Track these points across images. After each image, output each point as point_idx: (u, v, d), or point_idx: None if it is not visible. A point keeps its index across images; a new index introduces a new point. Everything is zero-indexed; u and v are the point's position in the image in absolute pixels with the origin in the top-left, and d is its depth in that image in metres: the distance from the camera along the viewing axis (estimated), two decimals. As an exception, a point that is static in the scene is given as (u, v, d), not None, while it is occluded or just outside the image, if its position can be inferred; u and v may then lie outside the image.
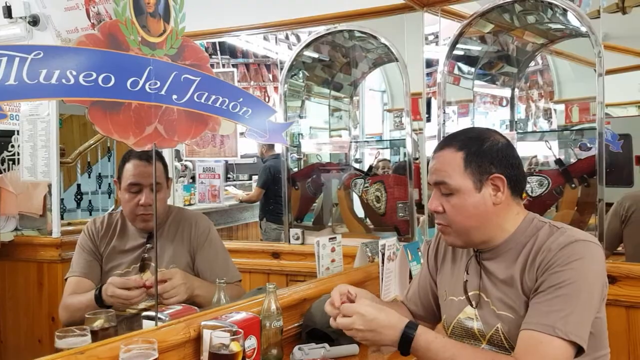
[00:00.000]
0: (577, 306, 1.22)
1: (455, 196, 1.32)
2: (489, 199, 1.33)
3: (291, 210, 2.90)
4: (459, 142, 1.36)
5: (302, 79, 3.29)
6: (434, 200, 1.36)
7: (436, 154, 1.38)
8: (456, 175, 1.32)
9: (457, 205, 1.32)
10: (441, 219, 1.36)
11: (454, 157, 1.34)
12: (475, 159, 1.33)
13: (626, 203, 2.61)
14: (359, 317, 1.27)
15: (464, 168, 1.32)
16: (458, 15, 2.60)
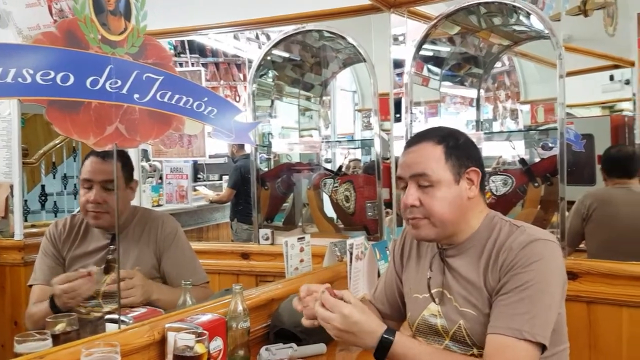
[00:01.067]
0: (541, 307, 1.24)
1: (435, 188, 1.33)
2: (465, 192, 1.36)
3: (260, 211, 2.88)
4: (436, 137, 1.38)
5: (271, 78, 3.28)
6: (410, 194, 1.34)
7: (412, 148, 1.38)
8: (437, 167, 1.33)
9: (438, 197, 1.32)
10: (417, 212, 1.34)
11: (434, 150, 1.35)
12: (455, 152, 1.35)
13: (587, 201, 2.69)
14: (341, 317, 1.25)
15: (445, 160, 1.34)
16: (424, 16, 2.62)
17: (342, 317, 1.25)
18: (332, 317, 1.26)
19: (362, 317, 1.25)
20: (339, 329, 1.25)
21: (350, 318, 1.24)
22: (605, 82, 5.07)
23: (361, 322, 1.25)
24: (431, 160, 1.34)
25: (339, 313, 1.25)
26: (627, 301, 2.04)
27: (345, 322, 1.24)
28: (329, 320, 1.27)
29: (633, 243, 2.52)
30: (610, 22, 3.72)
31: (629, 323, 2.05)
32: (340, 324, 1.25)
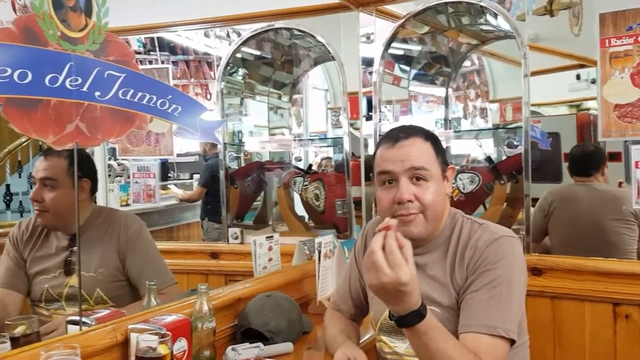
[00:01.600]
0: (511, 303, 1.27)
1: (430, 183, 1.32)
2: (445, 188, 1.38)
3: (230, 210, 2.86)
4: (421, 133, 1.38)
5: (241, 76, 3.26)
6: (405, 189, 1.30)
7: (403, 142, 1.34)
8: (431, 161, 1.34)
9: (432, 191, 1.32)
10: (413, 207, 1.31)
11: (425, 145, 1.35)
12: (440, 150, 1.38)
13: (549, 198, 2.74)
14: (395, 279, 1.09)
15: (435, 156, 1.36)
16: (393, 15, 2.63)
17: (395, 280, 1.09)
18: (387, 272, 1.10)
19: (411, 288, 1.11)
20: (384, 287, 1.11)
21: (402, 286, 1.10)
22: (572, 81, 5.16)
23: (408, 293, 1.11)
24: (426, 154, 1.34)
25: (396, 275, 1.09)
26: (590, 296, 2.08)
27: (395, 286, 1.10)
28: (380, 270, 1.10)
29: (593, 239, 2.59)
30: (575, 22, 3.78)
31: (591, 318, 2.09)
32: (388, 284, 1.10)
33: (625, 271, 2.03)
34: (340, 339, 1.47)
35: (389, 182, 1.34)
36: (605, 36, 2.05)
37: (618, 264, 2.09)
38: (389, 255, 1.11)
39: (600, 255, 2.23)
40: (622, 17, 2.03)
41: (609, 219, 2.59)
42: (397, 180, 1.32)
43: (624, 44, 2.02)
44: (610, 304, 2.05)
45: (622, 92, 2.02)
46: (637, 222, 2.61)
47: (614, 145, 3.23)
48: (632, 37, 2.01)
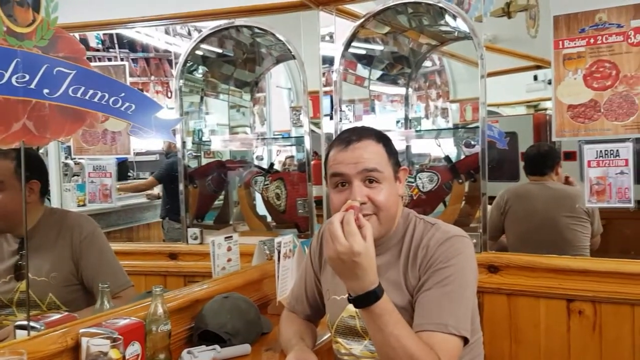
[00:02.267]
0: (462, 301, 1.28)
1: (382, 184, 1.33)
2: (398, 189, 1.39)
3: (189, 209, 2.82)
4: (374, 135, 1.39)
5: (201, 74, 3.22)
6: (359, 191, 1.30)
7: (356, 144, 1.34)
8: (384, 163, 1.35)
9: (385, 193, 1.33)
10: (367, 209, 1.31)
11: (377, 147, 1.36)
12: (392, 151, 1.39)
13: (505, 196, 2.81)
14: (348, 248, 1.15)
15: (388, 158, 1.36)
16: (353, 15, 2.64)
17: (349, 249, 1.15)
18: (342, 241, 1.16)
19: (366, 262, 1.16)
20: (339, 257, 1.16)
21: (355, 256, 1.15)
22: (529, 82, 5.29)
23: (362, 267, 1.16)
24: (378, 156, 1.35)
25: (350, 244, 1.15)
26: (545, 293, 2.12)
27: (349, 256, 1.15)
28: (335, 240, 1.16)
29: (548, 236, 2.66)
30: (532, 24, 3.87)
31: (546, 314, 2.13)
32: (343, 253, 1.15)
33: (579, 268, 2.08)
34: (294, 341, 1.47)
35: (342, 184, 1.34)
36: (559, 38, 2.09)
37: (572, 261, 2.13)
38: (345, 226, 1.17)
39: (554, 252, 2.28)
40: (575, 20, 2.07)
41: (563, 217, 2.67)
42: (350, 183, 1.32)
43: (577, 45, 2.06)
44: (564, 300, 2.10)
45: (575, 93, 2.06)
46: (590, 219, 2.69)
47: (570, 145, 3.32)
48: (584, 39, 2.05)
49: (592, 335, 2.05)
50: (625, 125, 1.99)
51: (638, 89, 1.97)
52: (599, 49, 2.03)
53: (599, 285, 2.03)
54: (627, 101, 1.99)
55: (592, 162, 2.03)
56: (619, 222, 3.52)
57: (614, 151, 2.00)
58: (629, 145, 1.99)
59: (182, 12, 2.76)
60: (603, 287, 2.02)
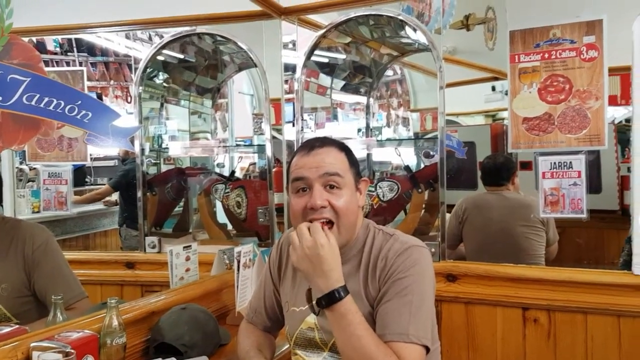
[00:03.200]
0: (422, 310, 1.29)
1: (342, 191, 1.34)
2: (358, 199, 1.40)
3: (147, 217, 2.77)
4: (336, 144, 1.41)
5: (162, 80, 3.17)
6: (319, 195, 1.32)
7: (318, 150, 1.36)
8: (345, 170, 1.36)
9: (345, 199, 1.34)
10: (325, 213, 1.33)
11: (340, 155, 1.38)
12: (353, 161, 1.40)
13: (463, 205, 2.86)
14: (314, 242, 1.25)
15: (349, 166, 1.38)
16: (315, 25, 2.65)
17: (313, 242, 1.24)
18: (307, 237, 1.25)
19: (330, 257, 1.24)
20: (305, 253, 1.24)
21: (320, 248, 1.23)
22: (488, 92, 5.42)
23: (327, 262, 1.24)
24: (340, 162, 1.37)
25: (314, 239, 1.24)
26: (501, 301, 2.16)
27: (314, 250, 1.24)
28: (301, 237, 1.26)
29: (505, 245, 2.71)
30: (490, 37, 3.97)
31: (502, 322, 2.17)
32: (309, 248, 1.24)
33: (534, 277, 2.13)
34: (252, 353, 1.46)
35: (303, 189, 1.35)
36: (514, 52, 2.14)
37: (527, 270, 2.18)
38: (311, 227, 1.27)
39: (511, 260, 2.33)
40: (530, 35, 2.13)
41: (519, 226, 2.73)
42: (311, 187, 1.34)
43: (532, 60, 2.12)
44: (520, 308, 2.14)
45: (530, 106, 2.12)
46: (545, 228, 2.76)
47: (526, 155, 3.41)
48: (539, 54, 2.11)
49: (546, 343, 2.10)
50: (578, 138, 2.06)
51: (590, 103, 2.04)
52: (553, 64, 2.09)
53: (553, 294, 2.08)
54: (579, 115, 2.05)
55: (547, 174, 2.09)
56: (574, 230, 3.64)
57: (567, 163, 2.06)
58: (581, 158, 2.06)
59: (143, 19, 2.73)
60: (557, 295, 2.08)
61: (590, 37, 2.05)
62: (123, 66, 5.39)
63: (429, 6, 3.15)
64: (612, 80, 3.35)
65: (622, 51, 2.02)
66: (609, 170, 3.70)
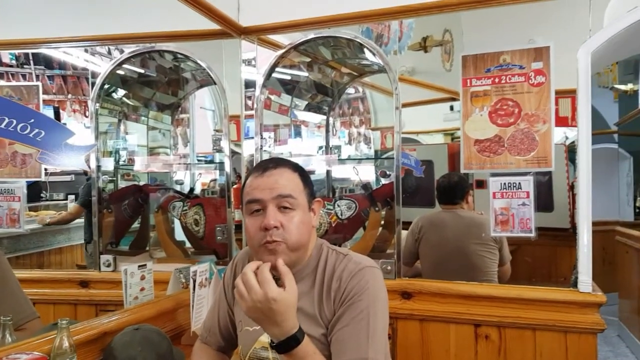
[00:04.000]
0: (378, 331, 1.32)
1: (295, 212, 1.35)
2: (312, 220, 1.42)
3: (102, 235, 2.73)
4: (290, 165, 1.42)
5: (121, 96, 3.15)
6: (272, 216, 1.32)
7: (271, 171, 1.37)
8: (298, 191, 1.37)
9: (298, 220, 1.35)
10: (278, 235, 1.33)
11: (293, 176, 1.39)
12: (307, 181, 1.42)
13: (419, 223, 2.92)
14: (263, 296, 1.19)
15: (303, 187, 1.39)
16: (275, 45, 2.68)
17: (264, 296, 1.19)
18: (256, 290, 1.20)
19: (284, 309, 1.20)
20: (255, 305, 1.20)
21: (271, 302, 1.19)
22: (446, 112, 5.54)
23: (280, 314, 1.20)
24: (294, 184, 1.38)
25: (264, 291, 1.19)
26: (454, 318, 2.21)
27: (265, 303, 1.19)
28: (250, 289, 1.20)
29: (459, 262, 2.77)
30: (447, 59, 4.08)
31: (455, 339, 2.22)
32: (259, 302, 1.19)
33: (485, 294, 2.19)
34: None
35: (257, 210, 1.36)
36: (467, 76, 2.22)
37: (479, 287, 2.24)
38: (259, 275, 1.22)
39: (465, 278, 2.39)
40: (481, 60, 2.21)
41: (472, 244, 2.80)
42: (264, 208, 1.34)
43: (483, 84, 2.20)
44: (472, 325, 2.19)
45: (481, 129, 2.19)
46: (498, 246, 2.84)
47: (481, 174, 3.50)
48: (490, 79, 2.19)
49: (497, 358, 2.16)
50: (527, 160, 2.13)
51: (538, 126, 2.12)
52: (503, 88, 2.17)
53: (504, 311, 2.14)
54: (528, 137, 2.13)
55: (497, 194, 2.16)
56: (527, 248, 3.74)
57: (517, 184, 2.14)
58: (529, 179, 2.13)
59: (102, 35, 2.71)
60: (507, 312, 2.14)
61: (538, 63, 2.14)
62: (81, 80, 5.31)
63: (387, 28, 3.23)
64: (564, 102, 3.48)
65: (574, 74, 2.11)
66: (560, 189, 3.83)
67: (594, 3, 2.09)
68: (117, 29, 2.73)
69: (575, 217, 2.23)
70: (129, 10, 2.56)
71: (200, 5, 2.25)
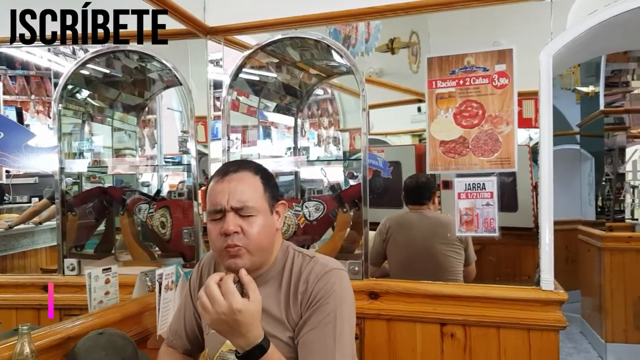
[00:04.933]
0: (344, 334, 1.32)
1: (256, 217, 1.34)
2: (275, 223, 1.40)
3: (66, 238, 2.68)
4: (252, 167, 1.41)
5: (85, 96, 3.09)
6: (232, 221, 1.32)
7: (231, 176, 1.36)
8: (258, 196, 1.36)
9: (258, 225, 1.34)
10: (238, 240, 1.32)
11: (254, 180, 1.37)
12: (270, 184, 1.40)
13: (387, 224, 2.94)
14: (228, 307, 1.19)
15: (264, 191, 1.38)
16: (242, 45, 2.67)
17: (228, 308, 1.19)
18: (220, 302, 1.20)
19: (248, 318, 1.20)
20: (220, 317, 1.20)
21: (236, 314, 1.19)
22: (414, 113, 5.60)
23: (245, 325, 1.20)
24: (253, 189, 1.36)
25: (229, 303, 1.19)
26: (420, 317, 2.24)
27: (229, 315, 1.19)
28: (214, 301, 1.20)
29: (425, 262, 2.81)
30: (414, 60, 4.13)
31: (422, 337, 2.24)
32: (223, 313, 1.19)
33: (451, 293, 2.22)
34: None
35: (218, 215, 1.35)
36: (432, 78, 2.25)
37: (445, 287, 2.27)
38: (222, 286, 1.21)
39: (432, 277, 2.42)
40: (446, 62, 2.24)
41: (439, 243, 2.83)
42: (224, 214, 1.34)
43: (448, 86, 2.23)
44: (438, 324, 2.22)
45: (446, 130, 2.22)
46: (463, 246, 2.88)
47: (448, 174, 3.55)
48: (454, 81, 2.23)
49: (463, 356, 2.19)
50: (490, 161, 2.17)
51: (501, 127, 2.16)
52: (467, 90, 2.20)
53: (469, 310, 2.18)
54: (491, 138, 2.17)
55: (462, 194, 2.19)
56: (492, 247, 3.81)
57: (481, 184, 2.17)
58: (493, 179, 2.17)
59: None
60: (472, 311, 2.17)
61: (501, 65, 2.18)
62: (45, 80, 5.19)
63: (355, 29, 3.25)
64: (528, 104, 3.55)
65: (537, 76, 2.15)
66: (524, 190, 3.90)
67: (555, 7, 2.14)
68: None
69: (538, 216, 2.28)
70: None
71: (165, 4, 2.23)
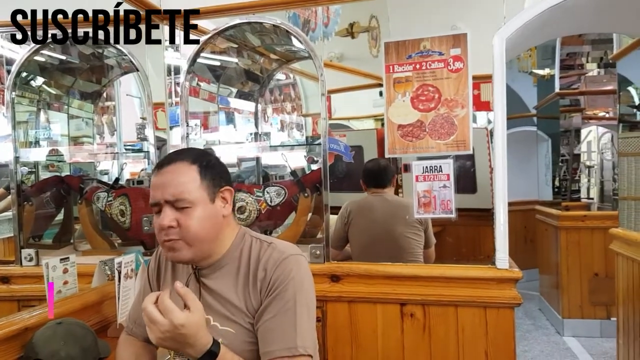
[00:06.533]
0: (305, 320, 1.34)
1: (192, 209, 1.33)
2: (220, 210, 1.39)
3: (23, 229, 2.62)
4: (190, 156, 1.38)
5: (40, 83, 3.02)
6: (167, 215, 1.31)
7: (166, 168, 1.35)
8: (193, 187, 1.34)
9: (195, 217, 1.32)
10: (174, 233, 1.32)
11: (189, 170, 1.35)
12: (209, 172, 1.38)
13: (349, 208, 2.98)
14: (170, 325, 1.19)
15: (200, 180, 1.36)
16: (200, 30, 2.64)
17: (170, 325, 1.19)
18: (161, 322, 1.20)
19: (193, 330, 1.21)
20: (165, 336, 1.20)
21: (179, 329, 1.19)
22: (375, 97, 5.64)
23: (191, 336, 1.21)
24: (187, 181, 1.34)
25: (169, 320, 1.19)
26: (381, 298, 2.28)
27: (173, 332, 1.20)
28: (155, 323, 1.20)
29: (386, 244, 2.85)
30: (374, 45, 4.15)
31: (382, 318, 2.29)
32: (167, 332, 1.20)
33: (410, 274, 2.26)
34: None
35: (156, 208, 1.35)
36: (389, 63, 2.27)
37: (404, 268, 2.31)
38: (160, 305, 1.21)
39: (393, 259, 2.46)
40: (403, 47, 2.26)
41: (399, 226, 2.88)
42: (161, 208, 1.34)
43: (405, 70, 2.25)
44: (398, 304, 2.27)
45: (404, 114, 2.25)
46: (423, 228, 2.94)
47: (408, 158, 3.60)
48: (411, 65, 2.25)
49: (422, 335, 2.24)
50: (447, 144, 2.22)
51: (457, 111, 2.21)
52: (423, 74, 2.23)
53: (428, 290, 2.23)
54: (447, 122, 2.21)
55: (420, 177, 2.23)
56: (452, 228, 3.89)
57: (438, 167, 2.22)
58: (449, 162, 2.22)
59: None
60: (431, 290, 2.23)
61: (456, 49, 2.22)
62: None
63: (314, 14, 3.25)
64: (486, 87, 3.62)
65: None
66: (483, 172, 3.99)
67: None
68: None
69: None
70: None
71: (119, -12, 2.19)
